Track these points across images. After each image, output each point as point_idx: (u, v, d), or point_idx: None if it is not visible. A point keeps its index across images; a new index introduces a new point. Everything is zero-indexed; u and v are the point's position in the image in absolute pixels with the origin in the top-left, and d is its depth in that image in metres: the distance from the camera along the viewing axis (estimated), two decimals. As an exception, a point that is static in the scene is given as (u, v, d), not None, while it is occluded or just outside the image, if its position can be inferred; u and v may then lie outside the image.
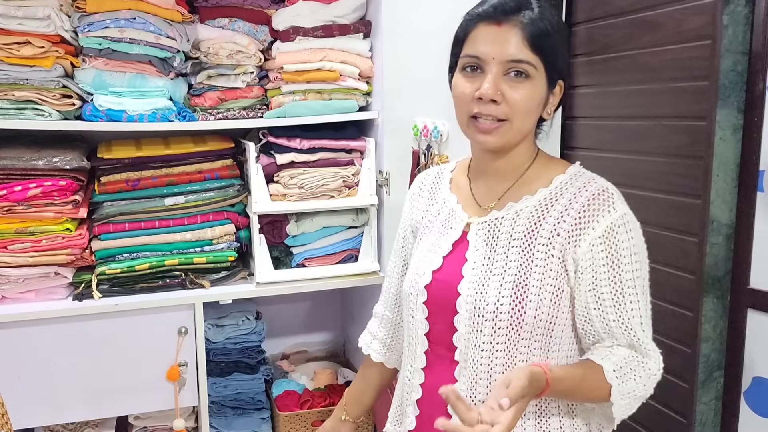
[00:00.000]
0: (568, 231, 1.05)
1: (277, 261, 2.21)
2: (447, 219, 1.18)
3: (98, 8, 1.95)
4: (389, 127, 2.12)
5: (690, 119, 1.59)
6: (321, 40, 2.14)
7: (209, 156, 2.16)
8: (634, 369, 1.05)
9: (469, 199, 1.18)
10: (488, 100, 1.04)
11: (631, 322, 1.06)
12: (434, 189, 1.26)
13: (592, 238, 1.04)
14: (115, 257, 2.06)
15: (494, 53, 1.04)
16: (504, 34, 1.03)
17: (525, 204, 1.10)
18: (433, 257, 1.15)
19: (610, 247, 1.04)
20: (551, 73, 1.07)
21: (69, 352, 1.98)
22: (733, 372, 1.60)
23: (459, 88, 1.08)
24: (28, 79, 1.92)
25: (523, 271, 1.06)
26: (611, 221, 1.04)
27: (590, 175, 1.11)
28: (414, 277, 1.16)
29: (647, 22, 1.69)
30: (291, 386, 2.40)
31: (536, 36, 1.03)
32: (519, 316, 1.04)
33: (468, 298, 1.07)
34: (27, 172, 1.96)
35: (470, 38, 1.07)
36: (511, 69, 1.04)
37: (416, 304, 1.15)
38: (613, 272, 1.05)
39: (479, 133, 1.08)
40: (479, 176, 1.19)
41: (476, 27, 1.07)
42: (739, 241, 1.57)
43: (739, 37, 1.50)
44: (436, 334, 1.13)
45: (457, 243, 1.14)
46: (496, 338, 1.05)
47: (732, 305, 1.60)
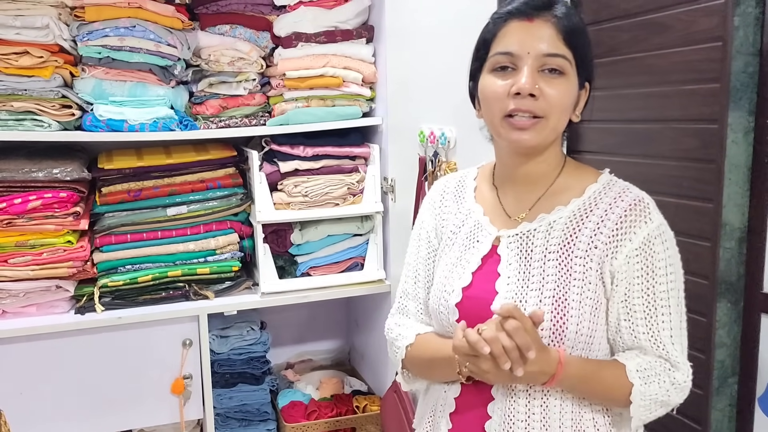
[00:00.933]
0: (606, 243, 1.03)
1: (281, 270, 2.19)
2: (472, 231, 1.15)
3: (97, 17, 1.93)
4: (393, 133, 2.10)
5: (701, 122, 1.57)
6: (323, 45, 2.12)
7: (211, 165, 2.14)
8: (659, 374, 1.03)
9: (497, 210, 1.14)
10: (526, 95, 1.01)
11: (660, 335, 1.04)
12: (458, 197, 1.22)
13: (629, 250, 1.03)
14: (117, 269, 2.04)
15: (529, 48, 1.01)
16: (537, 29, 1.01)
17: (558, 215, 1.08)
18: (461, 272, 1.11)
19: (646, 259, 1.03)
20: (581, 72, 1.06)
21: (72, 366, 1.95)
22: (747, 378, 1.58)
23: (491, 87, 1.05)
24: (26, 90, 1.90)
25: (562, 285, 1.03)
26: (648, 232, 1.03)
27: (623, 183, 1.10)
28: (442, 295, 1.12)
29: (655, 24, 1.67)
30: (297, 396, 2.37)
31: (570, 30, 1.02)
32: (560, 331, 1.02)
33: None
34: (27, 184, 1.93)
35: (500, 36, 1.05)
36: (546, 65, 1.02)
37: (448, 323, 1.11)
38: (647, 284, 1.03)
39: (515, 131, 1.04)
40: (506, 184, 1.15)
41: (506, 25, 1.04)
42: (752, 245, 1.55)
43: (750, 38, 1.48)
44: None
45: (487, 257, 1.10)
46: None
47: (746, 310, 1.58)
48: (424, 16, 1.85)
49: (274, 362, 2.56)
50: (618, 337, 1.06)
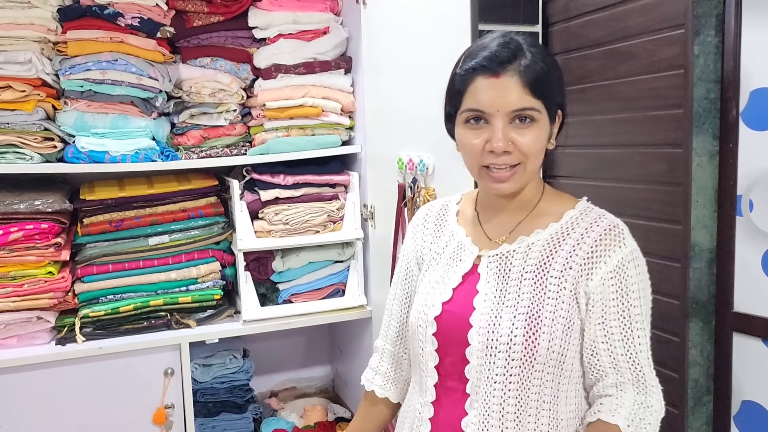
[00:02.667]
0: (581, 264, 1.07)
1: (263, 298, 2.20)
2: (455, 251, 1.18)
3: (80, 51, 1.96)
4: (372, 161, 2.14)
5: (667, 146, 1.63)
6: (302, 76, 2.17)
7: (193, 194, 2.16)
8: (643, 418, 1.06)
9: (479, 233, 1.18)
10: (500, 153, 1.05)
11: (638, 356, 1.07)
12: (440, 221, 1.26)
13: (604, 272, 1.06)
14: (98, 299, 2.04)
15: (498, 105, 1.04)
16: (504, 85, 1.04)
17: (537, 238, 1.11)
18: (443, 289, 1.15)
19: (620, 282, 1.06)
20: (552, 110, 1.09)
21: (53, 398, 1.94)
22: (722, 396, 1.61)
23: (466, 141, 1.09)
24: (9, 123, 1.92)
25: (536, 303, 1.07)
26: (622, 256, 1.06)
27: (599, 210, 1.14)
28: (422, 309, 1.16)
29: (621, 53, 1.73)
30: (280, 425, 2.36)
31: (534, 81, 1.04)
32: (533, 347, 1.05)
33: (480, 330, 1.07)
34: (8, 216, 1.94)
35: (470, 92, 1.08)
36: (517, 116, 1.05)
37: (425, 336, 1.14)
38: (623, 306, 1.07)
39: (495, 183, 1.09)
40: (489, 211, 1.19)
41: (474, 81, 1.07)
42: (721, 266, 1.59)
43: (710, 65, 1.54)
44: (447, 366, 1.12)
45: (467, 275, 1.14)
46: (510, 370, 1.05)
47: (717, 329, 1.61)
48: (400, 46, 1.89)
49: (258, 390, 2.55)
50: (595, 360, 1.08)
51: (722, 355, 1.60)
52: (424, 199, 1.79)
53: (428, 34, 1.73)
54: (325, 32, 2.22)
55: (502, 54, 1.05)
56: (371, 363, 1.36)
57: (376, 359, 1.35)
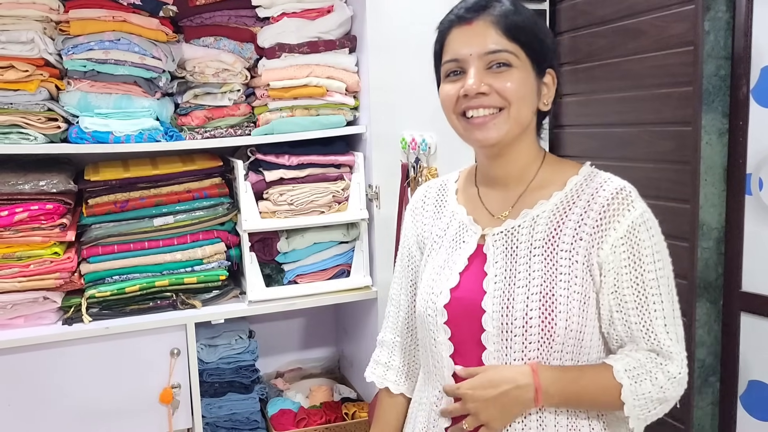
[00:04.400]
0: (590, 234, 1.02)
1: (268, 278, 2.20)
2: (458, 233, 1.13)
3: (82, 30, 1.94)
4: (377, 141, 2.12)
5: (676, 125, 1.60)
6: (307, 56, 2.14)
7: (198, 175, 2.15)
8: (650, 370, 1.00)
9: (480, 210, 1.13)
10: (474, 94, 1.02)
11: (653, 324, 1.01)
12: (440, 201, 1.21)
13: (614, 239, 1.00)
14: (104, 280, 2.04)
15: (471, 50, 1.02)
16: (477, 30, 1.03)
17: (541, 209, 1.06)
18: (449, 274, 1.09)
19: (632, 247, 1.00)
20: (537, 61, 1.04)
21: (60, 377, 1.95)
22: (728, 376, 1.60)
23: (443, 94, 1.07)
24: (12, 104, 1.91)
25: (549, 280, 1.02)
26: (632, 220, 1.00)
27: (605, 174, 1.08)
28: (429, 297, 1.10)
29: (630, 29, 1.71)
30: (286, 405, 2.37)
31: (511, 25, 1.02)
32: (549, 328, 1.00)
33: (494, 314, 1.02)
34: (13, 196, 1.94)
35: (446, 45, 1.07)
36: (492, 62, 1.02)
37: (436, 325, 1.09)
38: (635, 273, 1.01)
39: (476, 130, 1.04)
40: (487, 184, 1.15)
41: (450, 33, 1.06)
42: (729, 245, 1.58)
43: (720, 42, 1.51)
44: (462, 354, 1.07)
45: (473, 257, 1.09)
46: (527, 353, 1.01)
47: (725, 309, 1.60)
48: (404, 25, 1.87)
49: (264, 371, 2.56)
50: (612, 330, 1.04)
51: (729, 334, 1.59)
52: (426, 178, 1.78)
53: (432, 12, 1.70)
54: (330, 11, 2.19)
55: (475, 3, 1.04)
56: (379, 358, 1.29)
57: (386, 354, 1.28)
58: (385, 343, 1.29)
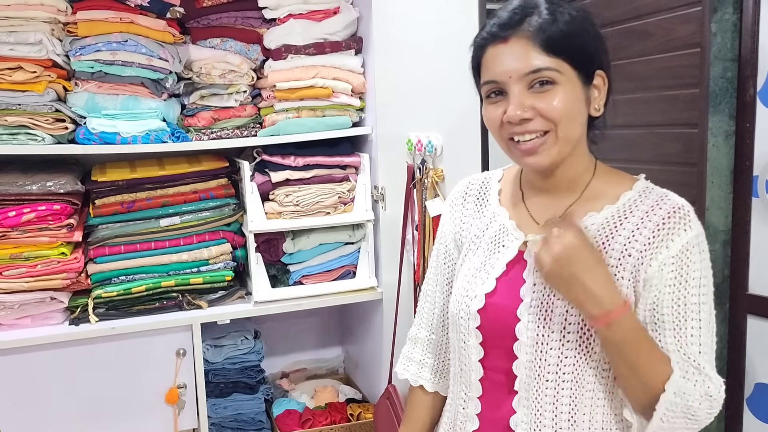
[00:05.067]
0: (640, 251, 0.97)
1: (274, 279, 2.20)
2: (497, 236, 1.09)
3: (90, 32, 1.95)
4: (383, 142, 2.13)
5: (682, 127, 1.60)
6: (313, 57, 2.15)
7: (204, 176, 2.16)
8: (697, 379, 0.95)
9: (524, 215, 1.09)
10: (518, 122, 0.97)
11: (689, 348, 0.96)
12: (481, 200, 1.16)
13: (665, 257, 0.95)
14: (111, 280, 2.05)
15: (510, 72, 0.97)
16: (513, 49, 0.97)
17: (590, 221, 1.01)
18: (485, 278, 1.06)
19: (681, 267, 0.95)
20: (583, 69, 0.99)
21: (66, 377, 1.96)
22: (735, 379, 1.59)
23: (487, 116, 1.02)
24: (20, 104, 1.92)
25: None
26: (687, 240, 0.95)
27: (661, 191, 1.03)
28: (463, 300, 1.07)
29: (636, 31, 1.70)
30: (291, 405, 2.38)
31: (549, 40, 0.96)
32: (587, 344, 0.96)
33: (530, 324, 0.99)
34: (21, 197, 1.95)
35: (483, 64, 1.01)
36: (534, 81, 0.96)
37: (468, 329, 1.06)
38: (679, 293, 0.96)
39: (525, 156, 1.00)
40: (534, 190, 1.10)
41: (486, 51, 1.00)
42: (736, 247, 1.57)
43: (727, 44, 1.51)
44: (492, 360, 1.05)
45: (512, 263, 1.05)
46: (563, 368, 0.98)
47: (731, 311, 1.59)
48: (410, 27, 1.87)
49: (269, 372, 2.57)
50: None
51: (736, 337, 1.59)
52: (432, 180, 1.77)
53: (438, 14, 1.71)
54: (336, 12, 2.20)
55: (509, 18, 0.98)
56: (413, 355, 1.26)
57: (420, 351, 1.25)
58: (418, 339, 1.25)
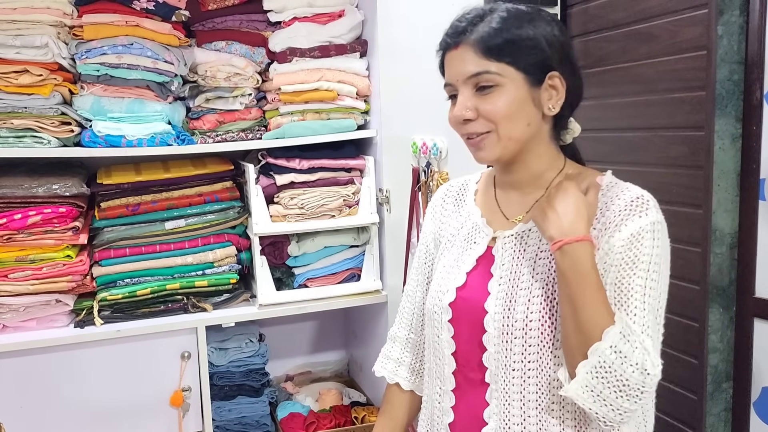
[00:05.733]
0: (597, 237, 1.00)
1: (279, 282, 2.20)
2: (470, 233, 1.15)
3: (95, 35, 1.96)
4: (388, 145, 2.13)
5: (688, 129, 1.60)
6: (318, 60, 2.15)
7: (209, 179, 2.16)
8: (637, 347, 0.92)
9: (495, 212, 1.15)
10: (461, 122, 1.05)
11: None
12: (459, 201, 1.23)
13: (618, 239, 0.98)
14: (116, 283, 2.06)
15: (457, 76, 1.05)
16: (461, 55, 1.05)
17: None
18: (457, 273, 1.12)
19: (630, 250, 0.97)
20: (531, 72, 1.03)
21: (71, 379, 1.96)
22: (741, 382, 1.59)
23: (449, 116, 1.10)
24: (26, 107, 1.92)
25: (552, 283, 1.01)
26: (640, 225, 0.98)
27: (625, 184, 1.06)
28: (437, 295, 1.13)
29: (642, 34, 1.70)
30: (296, 408, 2.38)
31: (488, 45, 1.02)
32: (550, 332, 1.00)
33: (496, 315, 1.03)
34: (27, 199, 1.95)
35: (444, 69, 1.10)
36: (478, 84, 1.04)
37: (441, 322, 1.11)
38: (624, 274, 0.97)
39: (473, 150, 1.09)
40: (505, 187, 1.16)
41: (444, 57, 1.09)
42: (742, 250, 1.56)
43: (734, 46, 1.51)
44: (464, 353, 1.09)
45: (482, 258, 1.11)
46: (527, 356, 1.01)
47: (738, 315, 1.59)
48: (415, 30, 1.88)
49: (273, 375, 2.57)
50: None
51: (742, 340, 1.58)
52: (437, 183, 1.78)
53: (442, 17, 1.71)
54: (341, 15, 2.20)
55: (459, 26, 1.06)
56: (391, 353, 1.29)
57: (398, 349, 1.28)
58: (398, 338, 1.29)
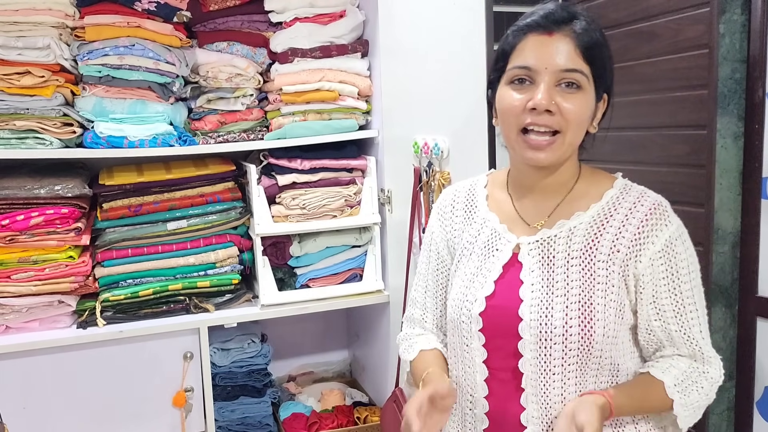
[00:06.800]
0: (628, 246, 1.04)
1: (281, 282, 2.20)
2: (490, 240, 1.13)
3: (97, 36, 1.96)
4: (389, 145, 2.13)
5: (691, 128, 1.59)
6: (319, 60, 2.15)
7: (211, 179, 2.16)
8: (695, 381, 1.06)
9: (514, 218, 1.13)
10: (543, 111, 1.00)
11: (692, 331, 1.06)
12: (470, 206, 1.20)
13: (653, 253, 1.04)
14: (118, 283, 2.06)
15: (547, 63, 1.00)
16: (556, 44, 1.01)
17: (579, 220, 1.07)
18: (483, 281, 1.10)
19: (669, 260, 1.04)
20: (599, 85, 1.05)
21: (74, 380, 1.97)
22: (744, 382, 1.58)
23: (507, 100, 1.04)
24: (28, 109, 1.93)
25: (587, 289, 1.04)
26: (669, 234, 1.04)
27: (639, 188, 1.10)
28: (464, 305, 1.11)
29: (644, 32, 1.70)
30: (298, 408, 2.38)
31: (588, 46, 1.01)
32: (588, 336, 1.02)
33: (532, 322, 1.03)
34: (29, 201, 1.96)
35: (519, 49, 1.04)
36: (563, 80, 1.01)
37: (470, 332, 1.10)
38: (673, 284, 1.04)
39: (530, 150, 1.04)
40: (523, 193, 1.14)
41: (525, 38, 1.03)
42: (745, 250, 1.56)
43: (736, 45, 1.50)
44: (497, 360, 1.09)
45: (508, 265, 1.10)
46: (567, 360, 1.03)
47: (740, 314, 1.58)
48: (416, 30, 1.87)
49: (276, 375, 2.57)
50: (651, 337, 1.07)
51: (745, 340, 1.58)
52: (438, 182, 1.77)
53: (444, 17, 1.71)
54: (342, 15, 2.20)
55: (559, 13, 1.02)
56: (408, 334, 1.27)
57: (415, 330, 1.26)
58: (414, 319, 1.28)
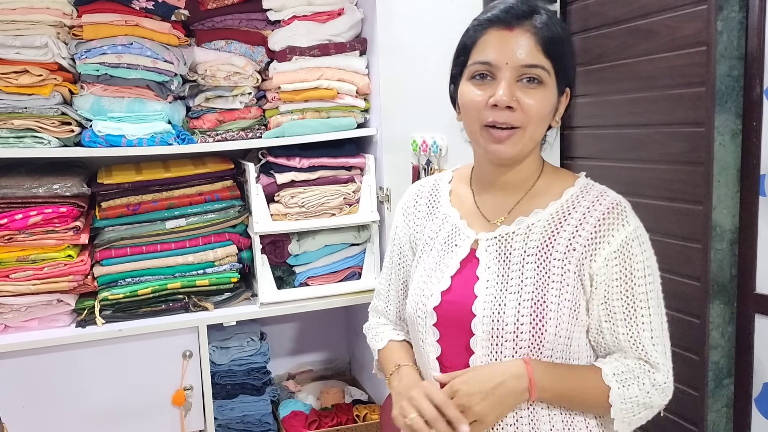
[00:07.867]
0: (584, 245, 1.03)
1: (280, 281, 2.20)
2: (450, 236, 1.14)
3: (95, 35, 1.96)
4: (388, 143, 2.13)
5: (688, 126, 1.59)
6: (317, 58, 2.15)
7: (209, 178, 2.16)
8: (638, 376, 1.03)
9: (475, 214, 1.14)
10: (504, 107, 1.00)
11: (640, 336, 1.04)
12: (432, 202, 1.21)
13: (608, 253, 1.03)
14: (117, 282, 2.06)
15: (507, 59, 1.00)
16: (516, 39, 1.00)
17: (537, 218, 1.07)
18: (440, 276, 1.10)
19: (624, 261, 1.03)
20: (561, 80, 1.05)
21: (73, 379, 1.97)
22: (743, 378, 1.59)
23: (469, 96, 1.04)
24: (26, 108, 1.93)
25: (541, 287, 1.03)
26: (626, 235, 1.03)
27: (600, 187, 1.09)
28: (420, 299, 1.12)
29: (642, 30, 1.70)
30: (298, 407, 2.38)
31: (549, 40, 1.01)
32: (540, 334, 1.01)
33: (485, 319, 1.03)
34: (27, 200, 1.96)
35: (479, 45, 1.04)
36: (524, 75, 1.01)
37: (425, 327, 1.10)
38: (626, 286, 1.03)
39: (493, 143, 1.04)
40: (485, 189, 1.15)
41: (486, 33, 1.03)
42: (743, 247, 1.56)
43: (734, 42, 1.50)
44: (450, 356, 1.09)
45: (465, 261, 1.10)
46: (517, 359, 1.03)
47: (739, 311, 1.59)
48: (415, 27, 1.87)
49: (275, 373, 2.57)
50: (600, 339, 1.07)
51: (743, 337, 1.58)
52: (439, 181, 1.77)
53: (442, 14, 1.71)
54: (340, 13, 2.20)
55: (518, 8, 1.02)
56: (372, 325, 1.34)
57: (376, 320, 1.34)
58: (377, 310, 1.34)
